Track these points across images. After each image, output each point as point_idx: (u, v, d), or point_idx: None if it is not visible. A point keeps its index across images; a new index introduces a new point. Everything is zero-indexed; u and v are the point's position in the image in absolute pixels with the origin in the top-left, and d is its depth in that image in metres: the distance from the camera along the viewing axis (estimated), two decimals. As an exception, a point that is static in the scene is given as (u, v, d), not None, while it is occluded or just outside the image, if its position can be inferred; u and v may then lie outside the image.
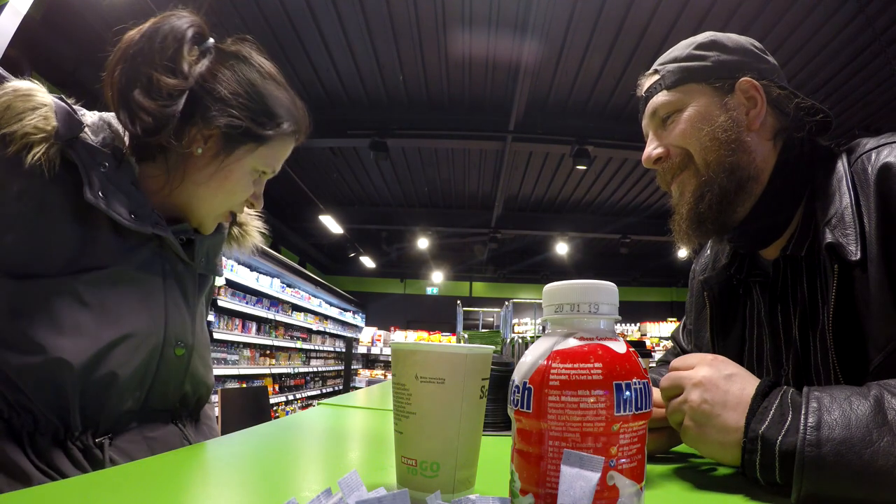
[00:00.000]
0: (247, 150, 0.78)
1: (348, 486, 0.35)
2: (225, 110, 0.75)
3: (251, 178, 0.81)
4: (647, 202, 7.51)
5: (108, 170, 0.71)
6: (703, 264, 0.95)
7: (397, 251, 9.40)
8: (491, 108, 5.20)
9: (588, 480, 0.31)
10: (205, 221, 0.83)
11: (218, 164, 0.77)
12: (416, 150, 6.14)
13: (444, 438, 0.45)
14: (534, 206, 7.88)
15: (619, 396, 0.33)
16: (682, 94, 0.75)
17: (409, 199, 7.86)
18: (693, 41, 0.77)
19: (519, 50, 4.11)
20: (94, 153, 0.71)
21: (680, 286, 10.26)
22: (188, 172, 0.78)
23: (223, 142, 0.77)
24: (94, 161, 0.70)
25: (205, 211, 0.82)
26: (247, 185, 0.81)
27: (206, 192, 0.79)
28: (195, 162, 0.77)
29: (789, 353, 0.73)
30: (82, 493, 0.44)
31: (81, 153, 0.69)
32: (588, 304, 0.37)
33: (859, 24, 3.74)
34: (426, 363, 0.45)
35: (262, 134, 0.78)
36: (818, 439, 0.46)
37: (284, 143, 0.82)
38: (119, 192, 0.71)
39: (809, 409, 0.48)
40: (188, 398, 0.83)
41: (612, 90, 4.87)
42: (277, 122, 0.79)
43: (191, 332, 0.82)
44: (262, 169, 0.81)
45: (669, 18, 3.87)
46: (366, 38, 4.22)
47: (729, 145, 0.71)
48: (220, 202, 0.81)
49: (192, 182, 0.79)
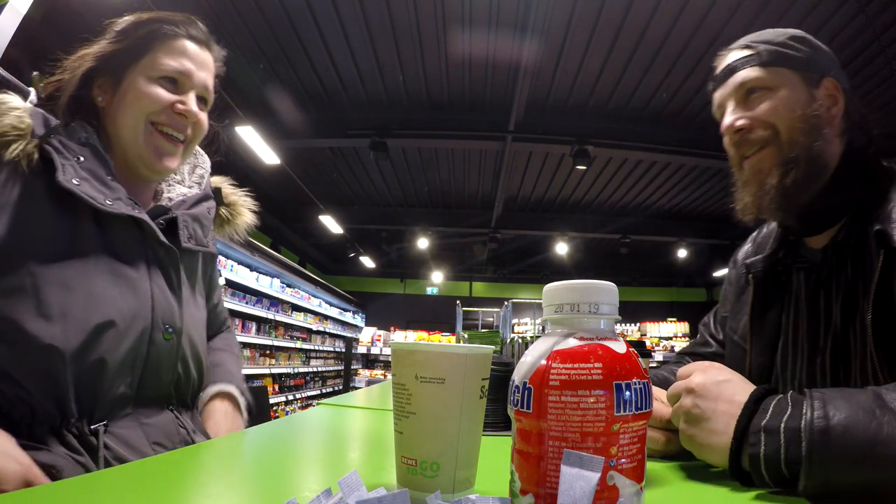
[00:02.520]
0: (131, 70, 0.82)
1: (348, 486, 0.35)
2: (95, 60, 0.82)
3: (154, 86, 0.82)
4: (647, 202, 7.51)
5: (83, 162, 0.76)
6: (745, 252, 1.00)
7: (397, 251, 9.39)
8: (491, 108, 5.20)
9: (588, 480, 0.31)
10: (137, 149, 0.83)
11: (118, 97, 0.83)
12: (416, 150, 6.14)
13: (444, 438, 0.45)
14: (534, 206, 7.87)
15: (619, 396, 0.33)
16: (775, 74, 0.78)
17: (409, 199, 7.86)
18: (785, 32, 0.81)
19: (519, 50, 4.11)
20: (69, 148, 0.76)
21: (680, 286, 10.26)
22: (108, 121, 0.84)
23: (111, 78, 0.83)
24: (69, 152, 0.75)
25: (129, 134, 0.82)
26: (152, 92, 0.82)
27: (121, 119, 0.82)
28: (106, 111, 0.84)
29: (828, 337, 0.77)
30: (82, 493, 0.44)
31: (57, 147, 0.75)
32: (588, 304, 0.37)
33: (859, 24, 3.74)
34: (426, 363, 0.45)
35: (129, 47, 0.82)
36: (825, 414, 0.48)
37: (168, 45, 0.84)
38: (94, 180, 0.76)
39: (814, 397, 0.51)
40: (181, 382, 0.85)
41: (612, 90, 4.86)
42: (137, 32, 0.83)
43: (178, 315, 0.83)
44: (159, 74, 0.82)
45: (669, 18, 3.87)
46: (366, 38, 4.22)
47: (816, 131, 0.76)
48: (133, 116, 0.82)
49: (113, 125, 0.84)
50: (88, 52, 0.83)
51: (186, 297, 0.88)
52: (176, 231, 0.86)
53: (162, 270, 0.83)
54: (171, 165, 0.86)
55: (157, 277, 0.82)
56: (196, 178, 1.00)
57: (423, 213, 8.15)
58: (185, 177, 0.99)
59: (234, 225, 1.04)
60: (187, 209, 0.91)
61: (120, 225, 0.78)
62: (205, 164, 1.03)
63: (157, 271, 0.82)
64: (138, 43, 0.83)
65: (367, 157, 5.62)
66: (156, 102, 0.82)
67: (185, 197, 0.94)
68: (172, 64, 0.83)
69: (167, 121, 0.84)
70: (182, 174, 0.99)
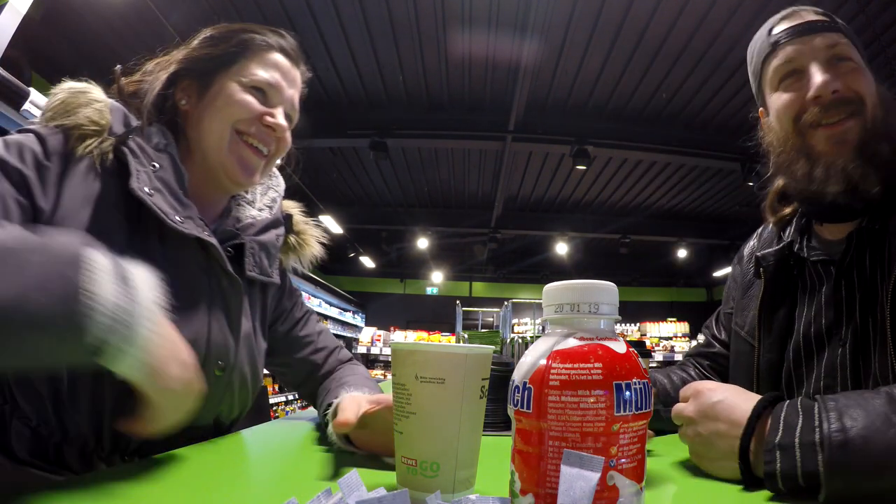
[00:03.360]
0: (221, 76, 0.79)
1: (348, 486, 0.35)
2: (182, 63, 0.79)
3: (245, 93, 0.79)
4: (646, 202, 7.51)
5: (158, 171, 0.71)
6: (752, 248, 0.97)
7: (397, 251, 9.39)
8: (491, 108, 5.20)
9: (588, 480, 0.31)
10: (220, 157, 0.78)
11: (205, 101, 0.79)
12: (416, 150, 6.14)
13: (444, 438, 0.45)
14: (533, 206, 7.87)
15: (619, 396, 0.33)
16: (854, 51, 0.77)
17: (409, 199, 7.85)
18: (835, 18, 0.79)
19: (519, 50, 4.11)
20: (146, 152, 0.72)
21: (680, 286, 10.26)
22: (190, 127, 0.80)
23: (198, 82, 0.79)
24: (145, 157, 0.71)
25: (214, 139, 0.78)
26: (240, 100, 0.78)
27: (207, 123, 0.78)
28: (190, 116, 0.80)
29: (848, 330, 0.74)
30: (82, 493, 0.44)
31: (133, 150, 0.70)
32: (588, 304, 0.37)
33: (859, 24, 3.73)
34: (426, 363, 0.45)
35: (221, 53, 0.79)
36: (842, 426, 0.48)
37: (261, 56, 0.81)
38: (167, 193, 0.70)
39: (828, 406, 0.50)
40: (222, 419, 0.80)
41: (611, 90, 4.86)
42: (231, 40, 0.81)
43: (233, 352, 0.77)
44: (250, 82, 0.79)
45: (669, 18, 3.87)
46: (366, 38, 4.22)
47: (888, 112, 0.74)
48: (221, 121, 0.78)
49: (195, 130, 0.79)
50: (175, 55, 0.80)
51: (246, 330, 0.80)
52: (241, 258, 0.80)
53: (223, 301, 0.76)
54: (253, 178, 0.81)
55: (216, 310, 0.75)
56: (268, 200, 0.94)
57: (423, 213, 8.14)
58: (257, 197, 0.93)
59: (300, 255, 0.98)
60: (255, 234, 0.84)
61: (186, 246, 0.72)
62: (279, 188, 0.97)
63: (217, 302, 0.75)
64: (231, 50, 0.80)
65: (367, 157, 5.62)
66: (246, 110, 0.78)
67: (255, 221, 0.87)
68: (264, 75, 0.80)
69: (255, 131, 0.79)
70: (254, 194, 0.93)
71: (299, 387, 0.98)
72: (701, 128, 5.27)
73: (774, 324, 0.84)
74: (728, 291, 1.02)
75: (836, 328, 0.77)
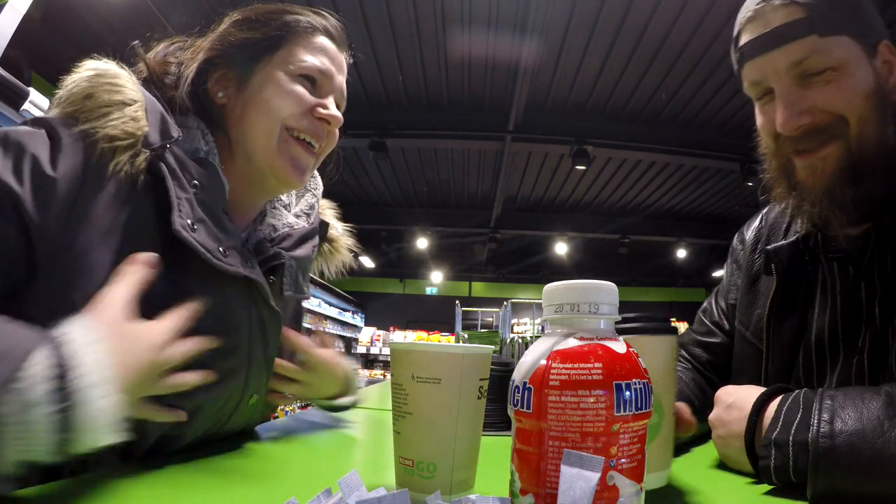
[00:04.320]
0: (264, 64, 0.69)
1: (348, 486, 0.35)
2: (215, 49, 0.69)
3: (296, 84, 0.69)
4: (646, 202, 7.51)
5: (200, 193, 0.60)
6: (757, 232, 0.86)
7: (397, 251, 9.39)
8: (490, 109, 5.20)
9: (588, 480, 0.31)
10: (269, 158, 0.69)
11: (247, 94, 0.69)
12: (416, 150, 6.14)
13: (441, 439, 0.45)
14: (533, 206, 7.87)
15: (619, 396, 0.33)
16: (837, 46, 0.61)
17: (409, 199, 7.85)
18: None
19: (518, 50, 4.11)
20: (186, 168, 0.60)
21: (680, 286, 10.25)
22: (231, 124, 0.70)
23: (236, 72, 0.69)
24: (185, 176, 0.60)
25: (262, 138, 0.68)
26: (295, 90, 0.69)
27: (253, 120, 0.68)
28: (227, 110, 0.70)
29: (866, 336, 0.67)
30: (82, 493, 0.44)
31: (172, 167, 0.58)
32: (588, 304, 0.37)
33: (858, 25, 3.74)
34: (422, 363, 0.45)
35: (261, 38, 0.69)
36: (831, 431, 0.48)
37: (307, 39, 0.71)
38: (210, 220, 0.60)
39: (823, 405, 0.50)
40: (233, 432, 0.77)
41: (611, 90, 4.86)
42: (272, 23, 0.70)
43: (266, 380, 0.73)
44: (295, 71, 0.69)
45: (669, 19, 3.87)
46: (365, 38, 4.21)
47: (886, 116, 0.62)
48: (270, 117, 0.68)
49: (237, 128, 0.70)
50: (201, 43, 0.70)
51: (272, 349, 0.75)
52: (279, 276, 0.73)
53: (262, 334, 0.69)
54: (305, 178, 0.73)
55: (256, 342, 0.68)
56: (305, 206, 0.84)
57: (423, 213, 8.14)
58: (293, 200, 0.85)
59: (328, 262, 0.90)
60: (292, 247, 0.76)
61: (229, 282, 0.63)
62: (317, 190, 0.88)
63: (257, 334, 0.68)
64: (274, 34, 0.70)
65: (367, 157, 5.62)
66: (298, 102, 0.69)
67: (292, 231, 0.78)
68: (314, 61, 0.70)
69: (307, 126, 0.70)
70: (290, 196, 0.84)
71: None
72: (700, 128, 5.27)
73: (786, 327, 0.76)
74: (730, 278, 0.91)
75: (852, 334, 0.69)
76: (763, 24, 0.65)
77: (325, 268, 0.90)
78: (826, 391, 0.52)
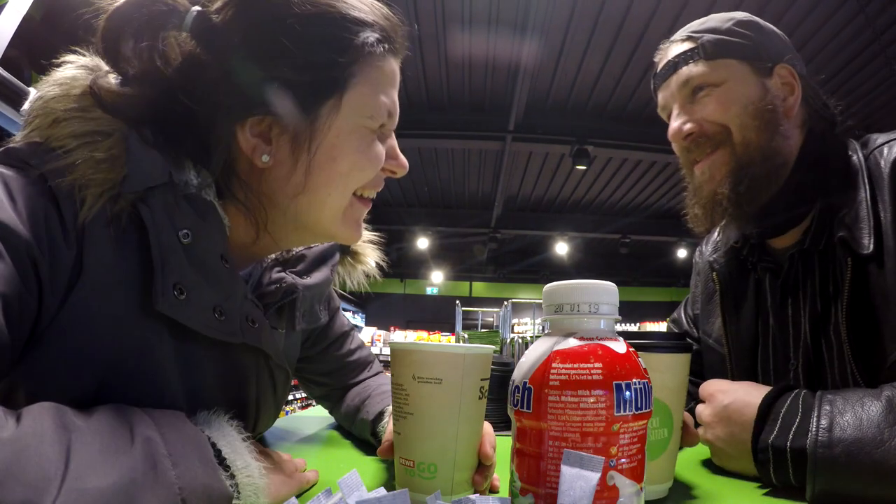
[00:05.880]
0: (331, 111, 0.50)
1: (348, 486, 0.35)
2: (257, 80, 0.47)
3: (365, 138, 0.53)
4: (646, 202, 7.51)
5: (191, 244, 0.46)
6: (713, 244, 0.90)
7: (397, 251, 9.39)
8: (491, 109, 5.20)
9: (588, 480, 0.31)
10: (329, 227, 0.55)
11: (307, 156, 0.50)
12: (416, 150, 6.14)
13: (442, 440, 0.45)
14: (534, 206, 7.88)
15: (619, 396, 0.33)
16: (721, 67, 0.71)
17: (409, 199, 7.85)
18: (731, 17, 0.74)
19: (519, 50, 4.11)
20: (174, 213, 0.45)
21: (680, 286, 10.24)
22: (274, 196, 0.52)
23: (289, 128, 0.49)
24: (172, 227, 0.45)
25: (328, 213, 0.53)
26: (364, 148, 0.53)
27: (321, 195, 0.52)
28: (276, 174, 0.51)
29: (798, 348, 0.72)
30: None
31: (157, 214, 0.44)
32: (588, 304, 0.37)
33: (859, 24, 3.74)
34: (423, 363, 0.45)
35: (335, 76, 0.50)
36: (830, 440, 0.48)
37: (379, 68, 0.54)
38: (202, 276, 0.46)
39: (822, 411, 0.50)
40: None
41: (611, 90, 4.86)
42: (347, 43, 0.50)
43: (273, 418, 0.68)
44: (373, 125, 0.53)
45: (669, 19, 3.87)
46: (365, 38, 4.22)
47: (772, 127, 0.69)
48: (345, 188, 0.53)
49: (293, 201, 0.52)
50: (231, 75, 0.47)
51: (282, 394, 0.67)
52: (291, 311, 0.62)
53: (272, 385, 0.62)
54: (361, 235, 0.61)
55: (264, 393, 0.60)
56: None
57: (423, 212, 8.14)
58: None
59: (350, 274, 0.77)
60: (306, 272, 0.64)
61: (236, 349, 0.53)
62: None
63: (265, 386, 0.60)
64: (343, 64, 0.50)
65: (367, 158, 5.62)
66: (377, 165, 0.55)
67: (307, 250, 0.66)
68: (387, 103, 0.54)
69: (374, 183, 0.57)
70: None
71: (320, 398, 0.90)
72: (701, 128, 5.27)
73: (741, 331, 0.79)
74: (694, 290, 0.95)
75: (784, 346, 0.73)
76: (664, 58, 0.78)
77: (348, 279, 0.78)
78: (825, 394, 0.53)
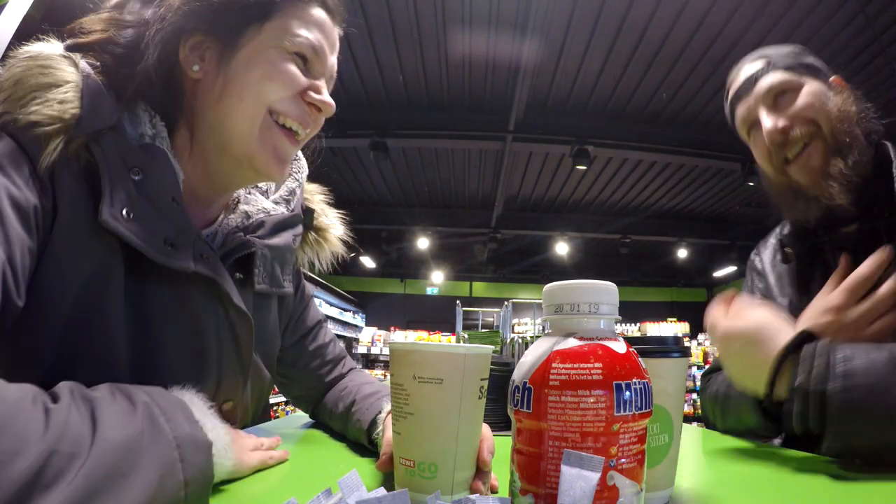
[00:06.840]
0: (253, 35, 0.59)
1: (348, 486, 0.35)
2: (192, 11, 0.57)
3: (289, 63, 0.60)
4: (647, 202, 7.51)
5: (140, 181, 0.52)
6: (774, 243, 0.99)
7: (397, 251, 9.39)
8: (491, 109, 5.20)
9: (588, 480, 0.31)
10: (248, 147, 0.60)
11: (231, 70, 0.58)
12: (416, 150, 6.14)
13: (442, 440, 0.45)
14: (534, 206, 7.87)
15: (619, 396, 0.33)
16: (796, 74, 0.82)
17: (409, 199, 7.86)
18: (785, 47, 0.86)
19: (519, 50, 4.11)
20: (126, 152, 0.52)
21: (680, 286, 10.26)
22: (205, 105, 0.60)
23: (219, 42, 0.59)
24: (123, 163, 0.51)
25: (243, 124, 0.59)
26: (288, 70, 0.60)
27: (234, 101, 0.59)
28: (204, 86, 0.59)
29: None
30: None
31: (108, 152, 0.51)
32: (588, 304, 0.37)
33: (859, 24, 3.74)
34: (424, 363, 0.45)
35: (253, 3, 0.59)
36: (845, 385, 0.57)
37: (304, 9, 0.62)
38: (153, 209, 0.53)
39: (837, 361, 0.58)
40: None
41: (611, 90, 4.86)
42: None
43: (241, 386, 0.67)
44: (289, 48, 0.60)
45: (669, 18, 3.87)
46: (366, 38, 4.22)
47: (850, 121, 0.78)
48: (256, 101, 0.59)
49: (213, 110, 0.59)
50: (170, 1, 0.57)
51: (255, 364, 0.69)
52: (250, 268, 0.66)
53: (232, 335, 0.63)
54: (286, 171, 0.65)
55: (226, 345, 0.62)
56: (285, 191, 0.76)
57: (423, 213, 8.14)
58: (272, 185, 0.78)
59: (317, 252, 0.81)
60: (266, 237, 0.68)
61: (188, 280, 0.56)
62: (300, 174, 0.78)
63: (226, 336, 0.62)
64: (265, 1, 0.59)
65: (367, 157, 5.62)
66: (290, 85, 0.60)
67: (266, 217, 0.70)
68: (308, 37, 0.61)
69: (295, 112, 0.62)
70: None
71: (298, 399, 0.91)
72: (701, 128, 5.26)
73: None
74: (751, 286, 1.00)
75: None
76: (738, 77, 0.88)
77: (316, 259, 0.82)
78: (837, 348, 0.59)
